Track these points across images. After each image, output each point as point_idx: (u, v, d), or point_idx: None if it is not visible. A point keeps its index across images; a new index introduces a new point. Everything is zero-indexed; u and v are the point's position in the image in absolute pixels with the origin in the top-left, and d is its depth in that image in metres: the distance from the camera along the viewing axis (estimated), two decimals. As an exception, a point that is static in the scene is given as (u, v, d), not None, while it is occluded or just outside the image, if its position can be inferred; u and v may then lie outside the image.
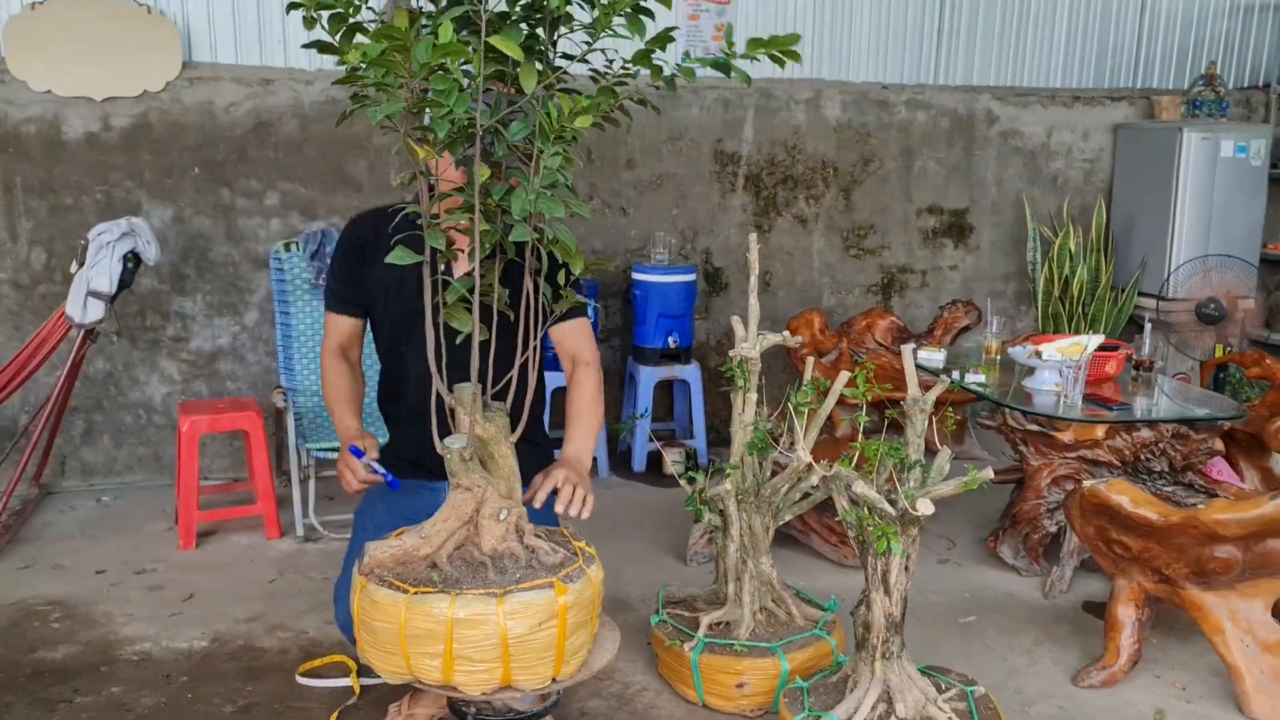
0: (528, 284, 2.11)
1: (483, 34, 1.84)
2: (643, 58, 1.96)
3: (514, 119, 1.97)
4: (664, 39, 1.94)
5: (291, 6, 1.97)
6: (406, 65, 1.78)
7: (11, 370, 4.08)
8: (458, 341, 2.12)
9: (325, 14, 1.93)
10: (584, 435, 2.56)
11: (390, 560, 2.01)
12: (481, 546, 1.99)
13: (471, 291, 2.00)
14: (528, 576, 1.99)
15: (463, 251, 2.27)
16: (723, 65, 2.04)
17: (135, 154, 4.49)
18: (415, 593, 1.94)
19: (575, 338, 2.64)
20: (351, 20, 1.90)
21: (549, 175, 1.95)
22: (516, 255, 2.09)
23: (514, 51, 1.81)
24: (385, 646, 1.99)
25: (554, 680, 2.02)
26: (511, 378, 2.13)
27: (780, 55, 1.99)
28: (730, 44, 2.06)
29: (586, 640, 2.10)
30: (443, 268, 2.11)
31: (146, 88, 4.45)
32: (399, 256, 2.02)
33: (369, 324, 2.72)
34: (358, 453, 2.40)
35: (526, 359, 2.14)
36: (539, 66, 1.93)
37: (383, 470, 2.40)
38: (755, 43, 2.02)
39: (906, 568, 2.53)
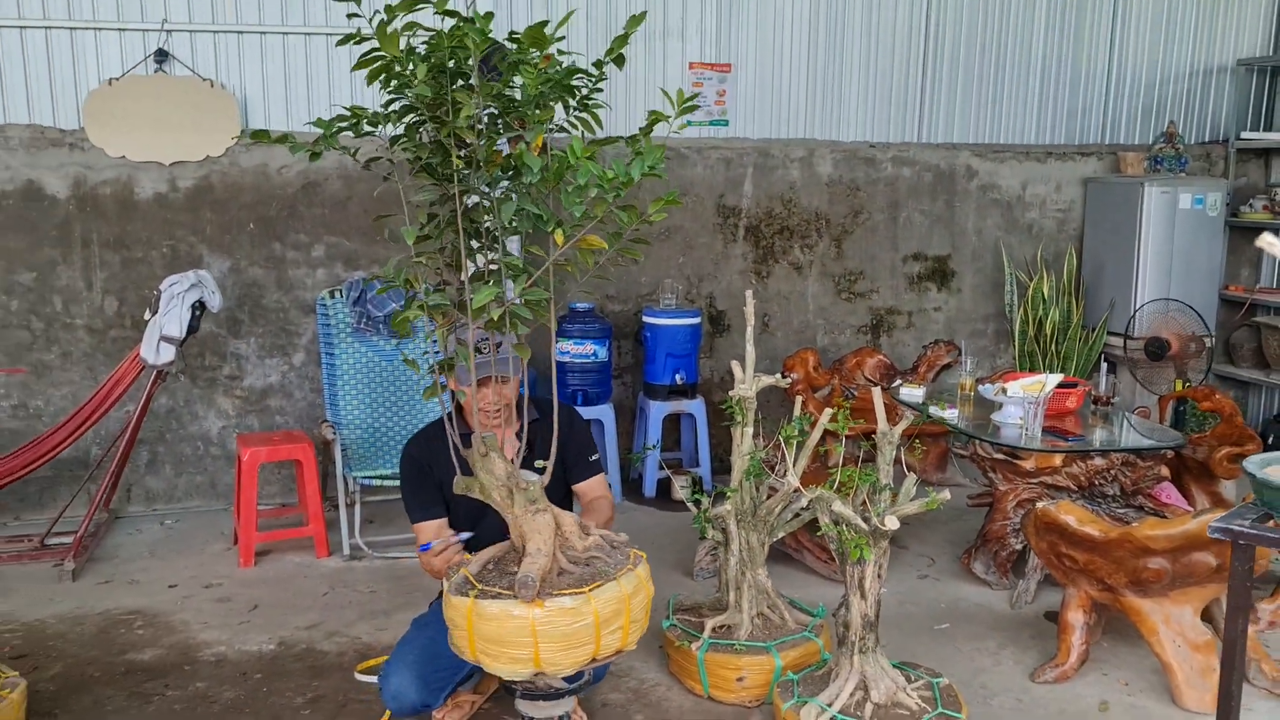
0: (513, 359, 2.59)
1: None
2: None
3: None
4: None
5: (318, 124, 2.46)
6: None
7: (91, 407, 4.57)
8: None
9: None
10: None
11: (540, 579, 2.45)
12: (576, 547, 2.48)
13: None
14: (622, 556, 2.55)
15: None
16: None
17: (198, 212, 5.01)
18: (594, 588, 2.43)
19: (596, 488, 3.19)
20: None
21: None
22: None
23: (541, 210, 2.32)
24: (579, 641, 2.42)
25: None
26: (522, 423, 2.65)
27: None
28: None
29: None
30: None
31: (209, 153, 4.98)
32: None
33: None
34: (426, 546, 2.87)
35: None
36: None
37: (459, 535, 2.84)
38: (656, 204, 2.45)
39: (879, 575, 3.00)
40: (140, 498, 5.16)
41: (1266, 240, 1.90)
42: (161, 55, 4.87)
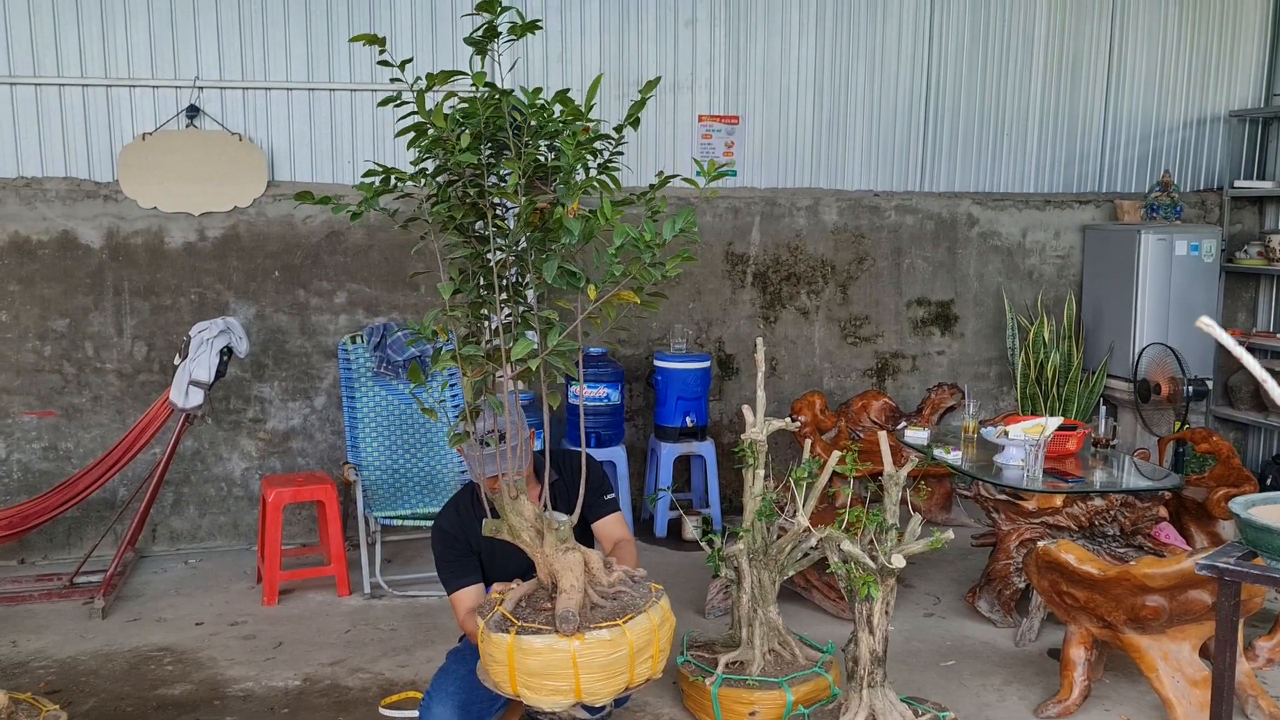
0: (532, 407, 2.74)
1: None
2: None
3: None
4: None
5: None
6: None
7: (121, 449, 4.72)
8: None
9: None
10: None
11: (578, 615, 2.59)
12: (603, 582, 2.63)
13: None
14: (644, 589, 2.70)
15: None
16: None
17: (225, 260, 5.19)
18: (627, 620, 2.58)
19: (614, 527, 3.29)
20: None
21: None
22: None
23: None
24: (616, 671, 2.57)
25: None
26: (542, 486, 2.77)
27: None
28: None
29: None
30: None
31: (236, 203, 5.17)
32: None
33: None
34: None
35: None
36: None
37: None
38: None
39: (886, 612, 3.13)
40: (165, 537, 5.30)
41: (1204, 323, 2.10)
42: (193, 111, 5.08)
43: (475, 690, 2.83)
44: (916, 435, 4.84)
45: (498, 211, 2.53)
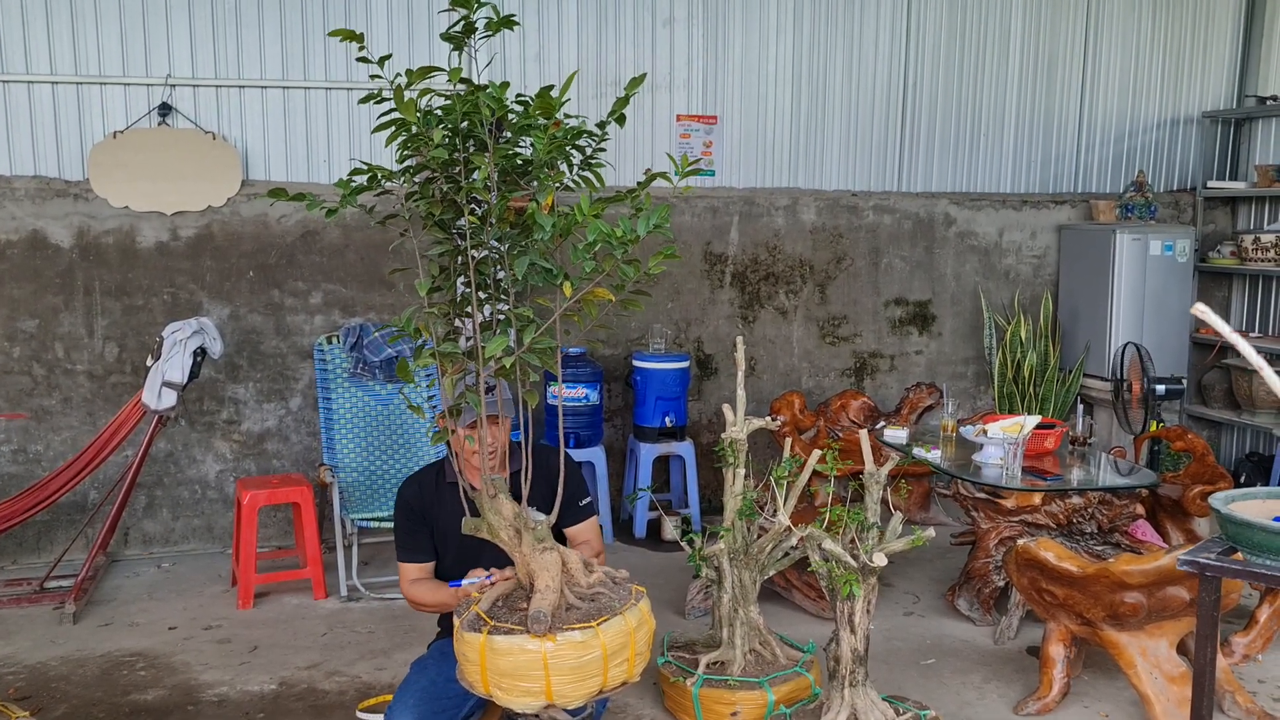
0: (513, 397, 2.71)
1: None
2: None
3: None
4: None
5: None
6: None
7: (92, 451, 4.65)
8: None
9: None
10: None
11: (550, 616, 2.54)
12: (581, 584, 2.59)
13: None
14: (625, 591, 2.66)
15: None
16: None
17: (199, 260, 5.13)
18: (601, 622, 2.54)
19: (588, 534, 3.25)
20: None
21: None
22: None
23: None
24: (588, 673, 2.52)
25: None
26: (525, 462, 2.72)
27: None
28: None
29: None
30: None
31: (210, 203, 5.11)
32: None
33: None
34: (456, 583, 2.92)
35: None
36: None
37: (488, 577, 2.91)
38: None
39: (868, 611, 3.12)
40: (137, 541, 5.22)
41: (1199, 309, 2.11)
42: (165, 109, 5.01)
43: (436, 700, 2.82)
44: (895, 434, 4.84)
45: (474, 208, 2.51)
